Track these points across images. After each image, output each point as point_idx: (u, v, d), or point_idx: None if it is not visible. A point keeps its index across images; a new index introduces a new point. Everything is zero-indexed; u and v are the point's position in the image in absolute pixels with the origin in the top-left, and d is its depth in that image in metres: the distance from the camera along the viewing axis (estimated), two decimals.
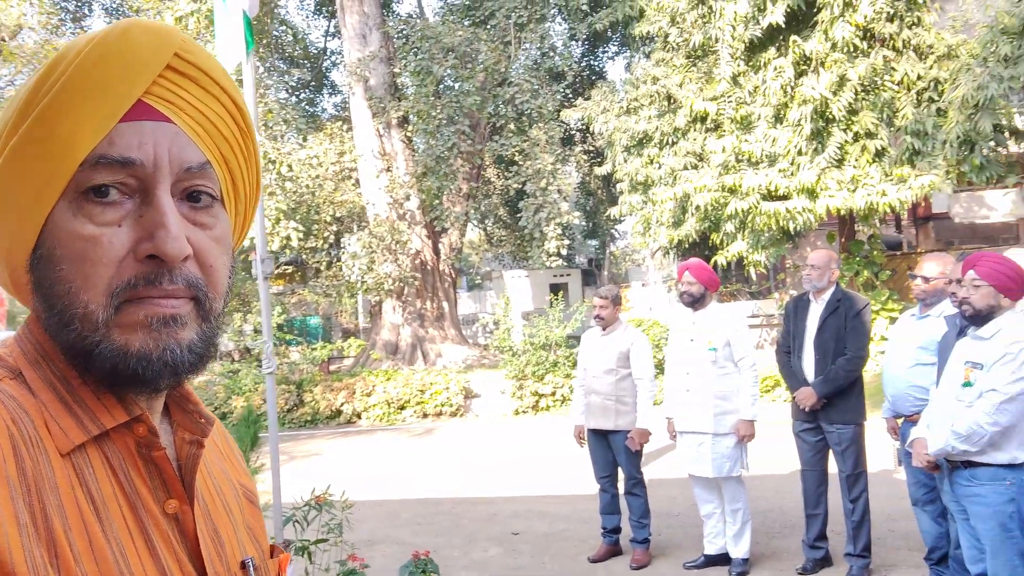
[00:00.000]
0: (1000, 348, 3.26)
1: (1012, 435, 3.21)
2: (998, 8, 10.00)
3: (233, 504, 0.79)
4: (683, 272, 4.85)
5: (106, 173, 0.64)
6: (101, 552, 0.60)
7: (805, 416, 4.67)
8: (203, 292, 0.67)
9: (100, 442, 0.65)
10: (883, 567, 4.72)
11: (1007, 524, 3.20)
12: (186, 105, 0.68)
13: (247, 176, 0.76)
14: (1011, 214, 15.65)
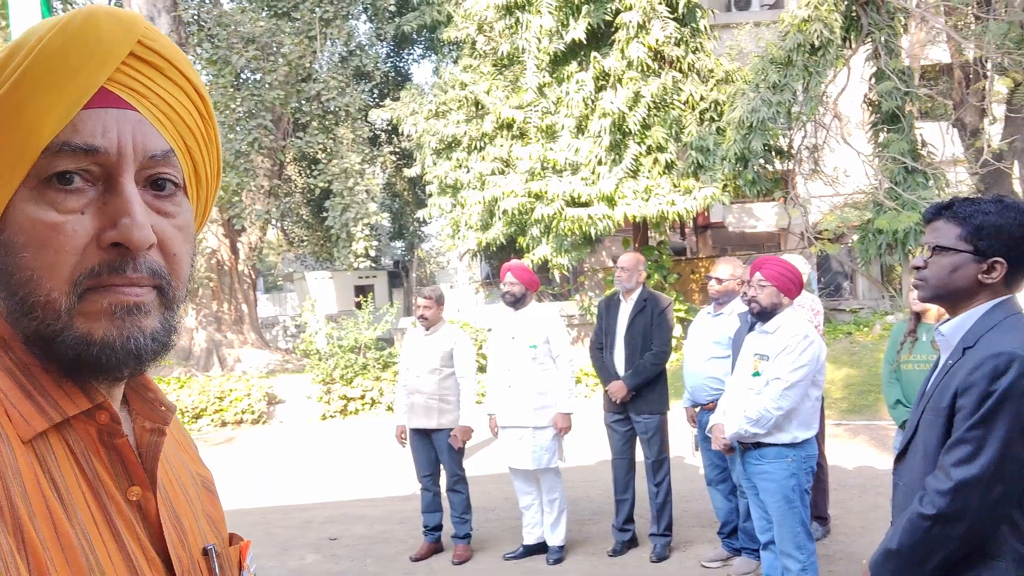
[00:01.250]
0: (782, 341, 3.70)
1: (793, 417, 3.67)
2: (767, 40, 11.26)
3: (192, 492, 0.79)
4: (505, 273, 5.02)
5: (69, 160, 0.63)
6: (67, 539, 0.60)
7: (616, 408, 5.01)
8: (166, 280, 0.67)
9: (61, 429, 0.64)
10: (682, 543, 5.17)
11: (790, 496, 3.65)
12: (149, 93, 0.67)
13: (208, 163, 0.76)
14: (774, 225, 17.65)
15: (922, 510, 1.72)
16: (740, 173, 11.34)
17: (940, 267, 1.84)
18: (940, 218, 1.87)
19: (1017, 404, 1.63)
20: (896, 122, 11.16)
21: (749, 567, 4.58)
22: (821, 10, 10.59)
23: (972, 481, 1.65)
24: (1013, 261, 1.78)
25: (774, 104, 10.53)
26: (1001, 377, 1.64)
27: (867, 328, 11.36)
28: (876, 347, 10.69)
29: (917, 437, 1.86)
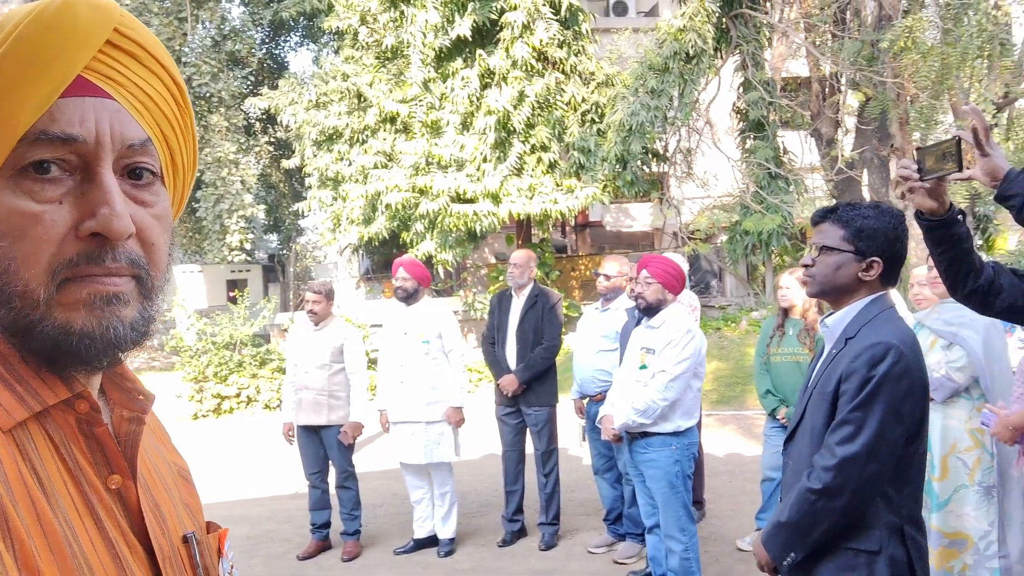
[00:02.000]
0: (667, 335, 3.91)
1: (677, 407, 3.88)
2: (646, 47, 11.72)
3: (170, 481, 0.79)
4: (397, 268, 5.01)
5: (47, 149, 0.62)
6: (50, 527, 0.59)
7: (507, 401, 5.11)
8: (145, 270, 0.67)
9: (41, 419, 0.64)
10: (569, 531, 5.34)
11: (674, 482, 3.86)
12: (126, 81, 0.67)
13: (184, 151, 0.75)
14: (649, 224, 18.37)
15: (810, 485, 1.90)
16: (620, 174, 11.75)
17: (826, 265, 2.04)
18: (826, 221, 2.07)
19: (892, 388, 1.83)
20: (761, 130, 11.89)
21: (633, 551, 4.79)
22: (695, 21, 11.13)
23: (853, 458, 1.84)
24: (888, 260, 2.00)
25: (652, 108, 10.98)
26: (879, 364, 1.84)
27: (734, 324, 12.05)
28: (743, 341, 11.37)
29: (804, 420, 2.05)
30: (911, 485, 1.92)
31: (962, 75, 9.78)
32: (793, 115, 12.47)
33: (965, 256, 2.04)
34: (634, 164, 11.61)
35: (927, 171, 1.94)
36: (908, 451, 1.89)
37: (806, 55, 13.06)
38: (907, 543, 1.87)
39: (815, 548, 1.93)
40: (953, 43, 9.35)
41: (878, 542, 1.86)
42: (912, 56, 9.51)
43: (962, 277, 2.06)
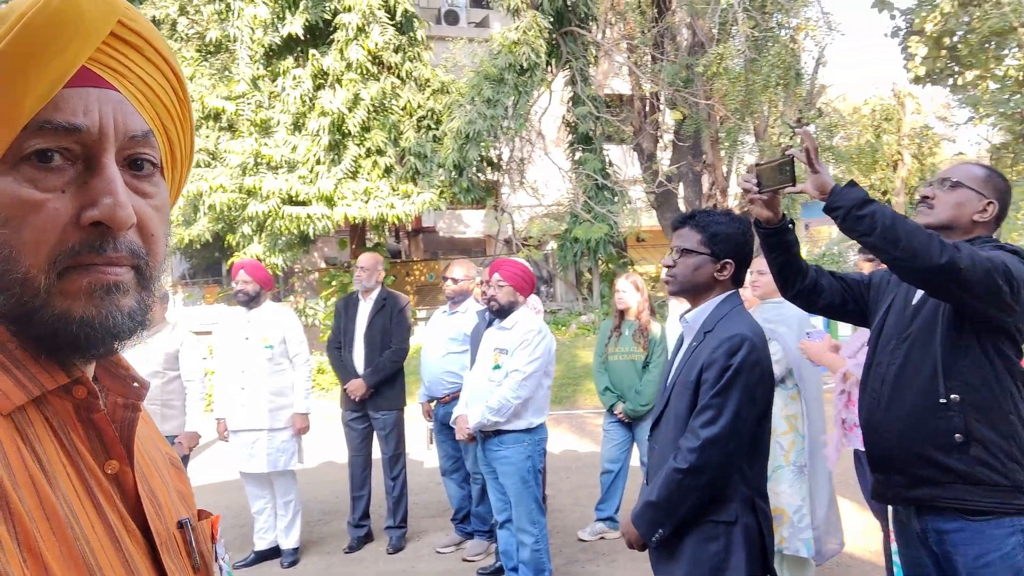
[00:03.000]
0: (519, 336, 4.05)
1: (529, 405, 4.03)
2: (482, 57, 11.98)
3: (163, 468, 0.79)
4: (238, 271, 4.82)
5: (50, 138, 0.62)
6: (52, 509, 0.60)
7: (354, 405, 5.05)
8: (144, 260, 0.67)
9: (39, 404, 0.64)
10: (417, 533, 5.37)
11: (526, 477, 4.00)
12: (129, 73, 0.67)
13: (183, 143, 0.76)
14: (482, 231, 18.72)
15: (676, 465, 2.09)
16: (456, 180, 11.91)
17: (686, 266, 2.26)
18: (685, 226, 2.29)
19: (747, 375, 2.06)
20: (589, 143, 12.51)
21: (481, 548, 4.90)
22: (529, 35, 11.53)
23: (715, 439, 2.05)
24: (739, 262, 2.25)
25: (489, 118, 11.25)
26: (736, 354, 2.07)
27: (564, 327, 12.56)
28: (573, 344, 11.88)
29: (669, 407, 2.24)
30: (761, 460, 2.17)
31: (764, 100, 10.83)
32: (617, 130, 13.22)
33: (794, 260, 2.33)
34: (470, 171, 11.82)
35: (765, 185, 2.19)
36: (759, 430, 2.14)
37: (629, 74, 13.90)
38: (757, 513, 2.11)
39: (680, 523, 2.12)
40: (757, 71, 10.35)
41: (734, 513, 2.09)
42: (723, 81, 10.42)
43: (791, 278, 2.35)
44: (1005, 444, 2.05)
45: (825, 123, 12.50)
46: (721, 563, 2.07)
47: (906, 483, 2.18)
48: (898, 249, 1.96)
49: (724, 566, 2.07)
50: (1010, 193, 2.29)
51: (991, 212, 2.21)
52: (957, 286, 1.96)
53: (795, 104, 11.44)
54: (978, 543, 2.05)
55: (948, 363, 2.07)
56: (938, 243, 1.94)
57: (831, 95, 15.07)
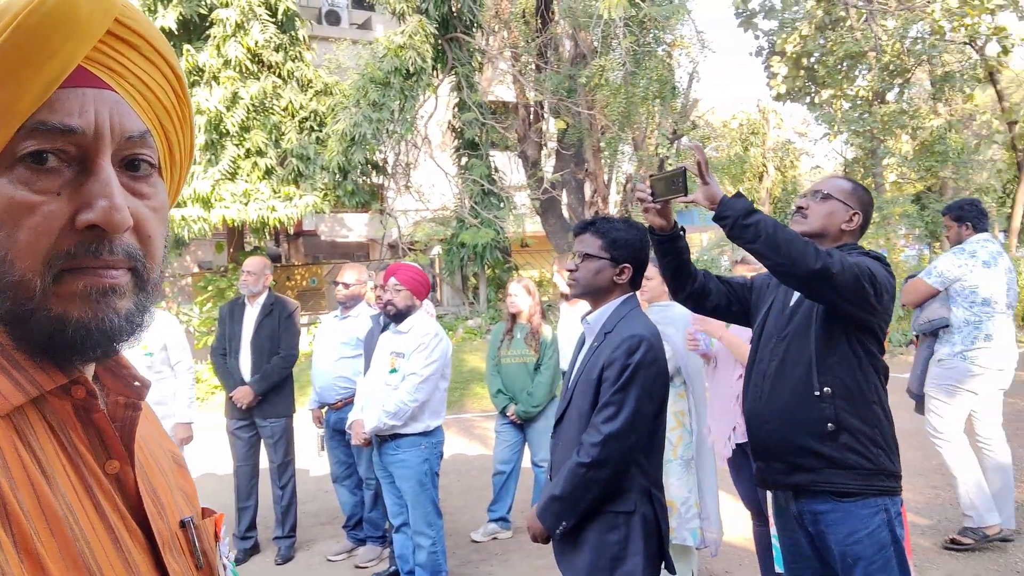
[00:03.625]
0: (416, 339, 4.07)
1: (426, 408, 4.05)
2: (367, 60, 11.85)
3: (165, 466, 0.78)
4: None
5: (45, 140, 0.61)
6: (51, 510, 0.59)
7: (240, 414, 4.90)
8: (141, 263, 0.66)
9: (38, 404, 0.63)
10: (306, 542, 5.26)
11: (423, 480, 4.02)
12: (127, 72, 0.66)
13: (182, 143, 0.75)
14: (365, 235, 18.47)
15: (579, 460, 2.18)
16: (340, 184, 11.72)
17: (588, 270, 2.37)
18: (587, 232, 2.41)
19: (645, 373, 2.19)
20: (476, 149, 12.61)
21: (374, 554, 4.86)
22: (415, 39, 11.52)
23: (616, 434, 2.16)
24: (636, 266, 2.38)
25: (374, 121, 11.14)
26: (635, 353, 2.19)
27: (451, 332, 12.59)
28: (460, 348, 11.92)
29: (572, 405, 2.34)
30: (657, 453, 2.30)
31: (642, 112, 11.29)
32: (502, 137, 13.40)
33: (685, 265, 2.50)
34: (355, 174, 11.66)
35: (659, 195, 2.33)
36: (656, 425, 2.27)
37: (513, 82, 14.14)
38: (654, 503, 2.24)
39: (583, 515, 2.22)
40: (636, 84, 10.78)
41: (633, 503, 2.20)
42: (604, 92, 10.78)
43: (683, 282, 2.51)
44: (870, 431, 2.27)
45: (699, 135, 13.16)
46: (621, 551, 2.19)
47: (785, 469, 2.36)
48: (779, 255, 2.13)
49: (624, 554, 2.18)
50: (872, 204, 2.54)
51: (856, 222, 2.45)
52: (829, 289, 2.16)
53: (671, 117, 11.99)
54: (848, 522, 2.26)
55: (821, 359, 2.27)
56: (814, 250, 2.13)
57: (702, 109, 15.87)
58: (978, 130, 21.35)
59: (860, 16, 16.34)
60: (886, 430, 2.31)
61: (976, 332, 4.50)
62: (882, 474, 2.27)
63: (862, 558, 2.23)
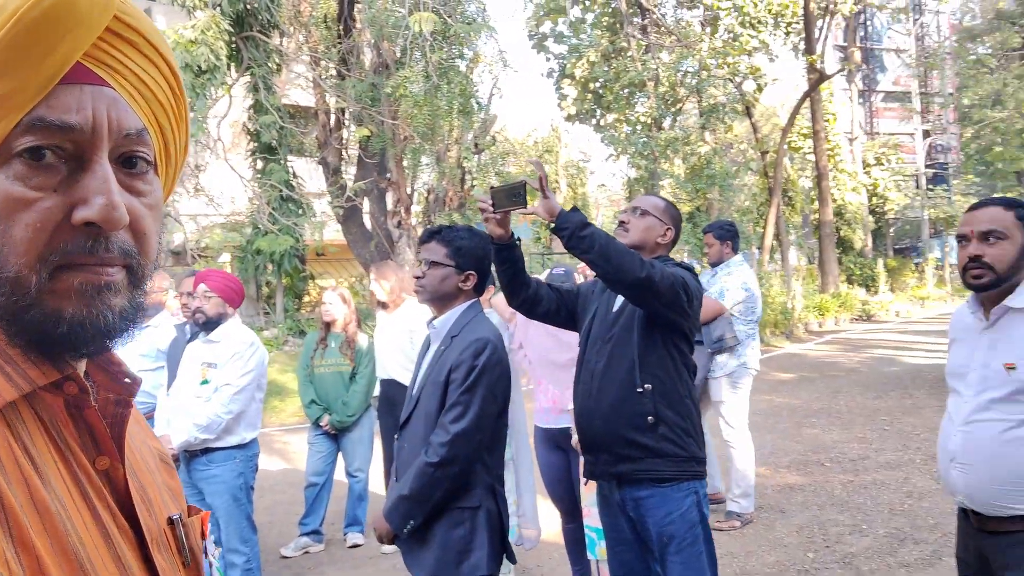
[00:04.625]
0: (231, 348, 3.90)
1: (241, 420, 3.89)
2: None
3: (152, 464, 0.78)
4: None
5: (42, 136, 0.61)
6: (43, 504, 0.59)
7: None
8: (136, 260, 0.66)
9: (30, 400, 0.63)
10: None
11: (238, 495, 3.86)
12: (124, 69, 0.66)
13: (178, 140, 0.74)
14: None
15: (428, 459, 2.26)
16: None
17: (434, 277, 2.47)
18: (433, 240, 2.51)
19: (490, 374, 2.32)
20: (273, 153, 12.18)
21: None
22: (207, 35, 10.93)
23: (463, 433, 2.27)
24: (480, 273, 2.51)
25: None
26: (481, 355, 2.31)
27: None
28: None
29: (419, 407, 2.42)
30: (499, 450, 2.44)
31: (446, 125, 11.53)
32: (303, 142, 13.06)
33: (520, 274, 2.68)
34: None
35: (498, 206, 2.47)
36: (499, 423, 2.40)
37: (313, 87, 13.82)
38: (497, 498, 2.37)
39: (429, 513, 2.29)
40: (440, 97, 10.99)
41: (478, 499, 2.32)
42: (408, 103, 10.88)
43: (518, 289, 2.69)
44: (683, 423, 2.56)
45: (498, 151, 13.65)
46: (467, 545, 2.29)
47: (611, 460, 2.59)
48: (610, 264, 2.36)
49: (470, 547, 2.29)
50: (681, 221, 2.86)
51: (670, 236, 2.76)
52: (652, 296, 2.42)
53: (472, 131, 12.35)
54: (665, 505, 2.52)
55: (643, 359, 2.52)
56: (639, 260, 2.38)
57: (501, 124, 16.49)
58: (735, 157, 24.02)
59: (640, 48, 17.81)
60: (695, 421, 2.61)
61: (752, 343, 5.27)
62: (693, 460, 2.56)
63: (676, 536, 2.50)
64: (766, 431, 7.78)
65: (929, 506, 5.34)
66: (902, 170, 30.00)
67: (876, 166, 28.92)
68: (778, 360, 13.49)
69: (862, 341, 15.84)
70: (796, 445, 7.33)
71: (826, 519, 5.21)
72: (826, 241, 21.19)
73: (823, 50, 21.09)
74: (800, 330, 17.01)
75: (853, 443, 7.30)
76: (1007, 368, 2.07)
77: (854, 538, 4.84)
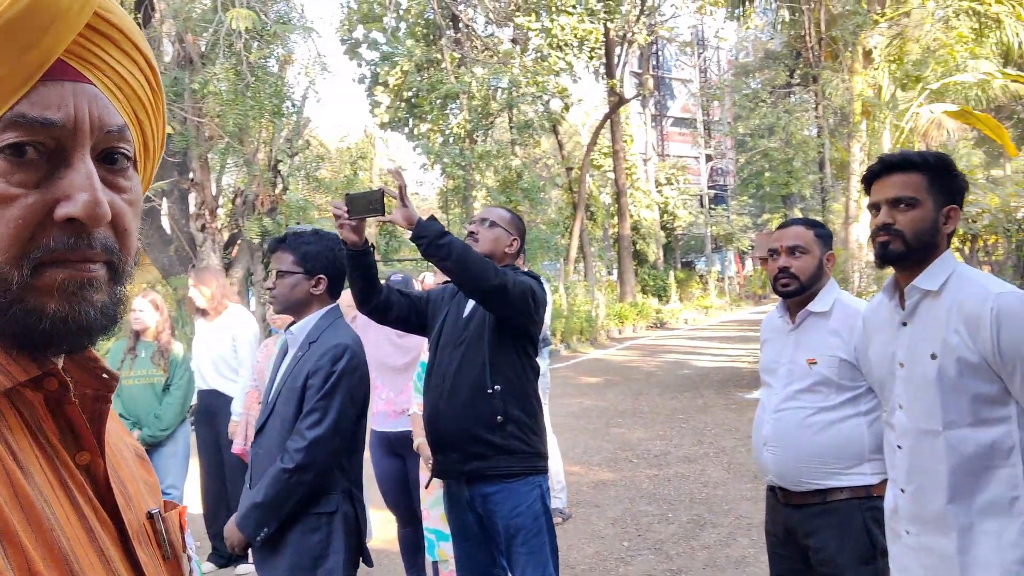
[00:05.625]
0: None
1: None
2: None
3: (130, 459, 0.79)
4: None
5: (23, 132, 0.61)
6: (26, 499, 0.59)
7: None
8: (117, 256, 0.66)
9: (10, 396, 0.62)
10: None
11: None
12: (105, 66, 0.66)
13: (156, 136, 0.73)
14: None
15: (284, 465, 2.23)
16: None
17: (284, 286, 2.45)
18: (279, 249, 2.48)
19: (349, 379, 2.34)
20: None
21: None
22: None
23: (320, 438, 2.27)
24: (331, 276, 2.52)
25: None
26: (339, 360, 2.33)
27: None
28: None
29: (275, 414, 2.38)
30: (357, 455, 2.45)
31: (257, 126, 11.09)
32: None
33: (373, 280, 2.71)
34: None
35: (355, 212, 2.48)
36: (357, 428, 2.41)
37: None
38: (354, 502, 2.38)
39: (284, 520, 2.26)
40: (252, 97, 10.56)
41: (335, 504, 2.32)
42: (219, 101, 10.35)
43: (368, 295, 2.72)
44: (529, 421, 2.70)
45: (312, 155, 13.31)
46: (323, 550, 2.28)
47: (461, 459, 2.69)
48: (467, 272, 2.46)
49: (326, 552, 2.28)
50: (525, 231, 3.02)
51: (516, 246, 2.91)
52: (504, 302, 2.55)
53: (285, 133, 11.96)
54: (512, 499, 2.65)
55: (493, 360, 2.64)
56: (494, 269, 2.50)
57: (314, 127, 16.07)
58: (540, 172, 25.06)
59: (454, 60, 18.13)
60: (539, 419, 2.77)
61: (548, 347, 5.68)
62: (537, 456, 2.71)
63: (522, 528, 2.63)
64: (578, 432, 8.22)
65: (723, 494, 5.92)
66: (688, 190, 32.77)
67: (667, 185, 31.39)
68: (584, 365, 14.25)
69: (657, 346, 17.12)
70: (606, 444, 7.81)
71: (637, 510, 5.62)
72: (624, 254, 22.69)
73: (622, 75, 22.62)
74: (603, 336, 18.08)
75: (656, 440, 7.90)
76: (809, 363, 2.41)
77: (662, 526, 5.27)
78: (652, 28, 22.44)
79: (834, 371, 2.36)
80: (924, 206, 1.91)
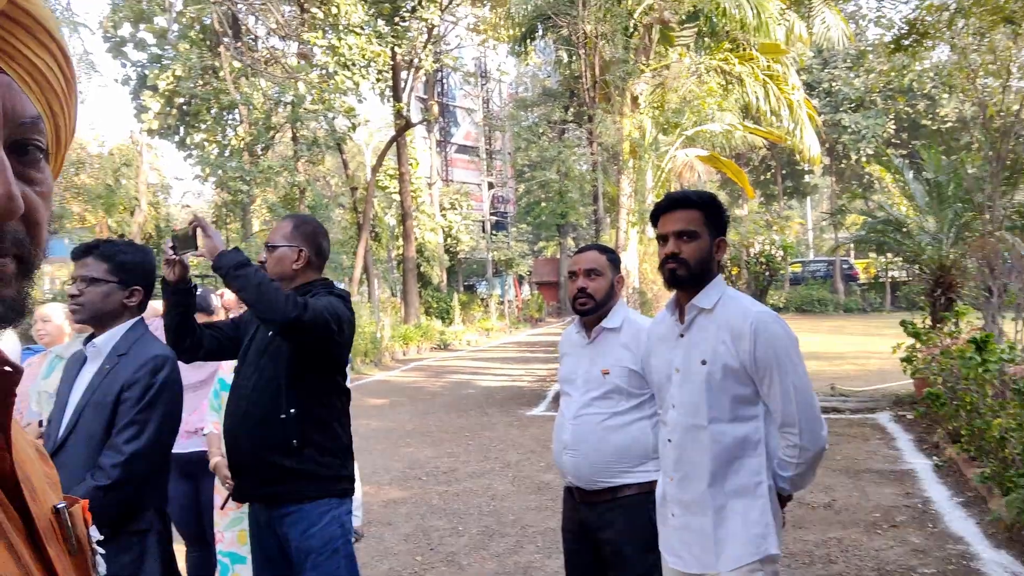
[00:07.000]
0: None
1: None
2: None
3: (32, 454, 0.77)
4: None
5: None
6: None
7: None
8: (28, 250, 0.64)
9: None
10: None
11: None
12: (19, 55, 0.63)
13: (68, 127, 0.70)
14: None
15: (97, 483, 2.08)
16: None
17: (95, 295, 2.30)
18: (89, 256, 2.32)
19: (169, 392, 2.24)
20: None
21: None
22: None
23: (139, 452, 2.16)
24: (146, 288, 2.39)
25: None
26: (160, 372, 2.22)
27: None
28: None
29: (78, 430, 2.19)
30: (167, 471, 2.31)
31: None
32: None
33: (189, 319, 2.68)
34: None
35: (179, 249, 2.53)
36: (170, 442, 2.29)
37: None
38: (165, 520, 2.25)
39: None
40: None
41: (148, 522, 2.20)
42: None
43: (183, 335, 2.68)
44: (330, 445, 2.68)
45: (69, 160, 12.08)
46: (137, 570, 2.16)
47: (258, 482, 2.63)
48: (262, 303, 2.44)
49: (139, 573, 2.15)
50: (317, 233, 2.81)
51: (304, 257, 2.75)
52: (300, 333, 2.51)
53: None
54: (304, 521, 2.61)
55: (289, 385, 2.60)
56: (292, 301, 2.45)
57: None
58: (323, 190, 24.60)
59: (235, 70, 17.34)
60: (341, 443, 2.73)
61: None
62: (335, 480, 2.69)
63: (312, 551, 2.59)
64: (367, 452, 8.16)
65: (510, 505, 6.18)
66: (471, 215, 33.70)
67: (451, 210, 32.06)
68: (370, 387, 14.12)
69: (442, 367, 17.37)
70: (396, 463, 7.83)
71: (428, 526, 5.71)
72: (409, 275, 22.81)
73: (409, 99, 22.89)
74: (387, 358, 18.01)
75: (444, 458, 8.05)
76: (603, 373, 2.66)
77: (453, 539, 5.39)
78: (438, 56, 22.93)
79: (624, 380, 2.64)
80: (702, 238, 2.23)
